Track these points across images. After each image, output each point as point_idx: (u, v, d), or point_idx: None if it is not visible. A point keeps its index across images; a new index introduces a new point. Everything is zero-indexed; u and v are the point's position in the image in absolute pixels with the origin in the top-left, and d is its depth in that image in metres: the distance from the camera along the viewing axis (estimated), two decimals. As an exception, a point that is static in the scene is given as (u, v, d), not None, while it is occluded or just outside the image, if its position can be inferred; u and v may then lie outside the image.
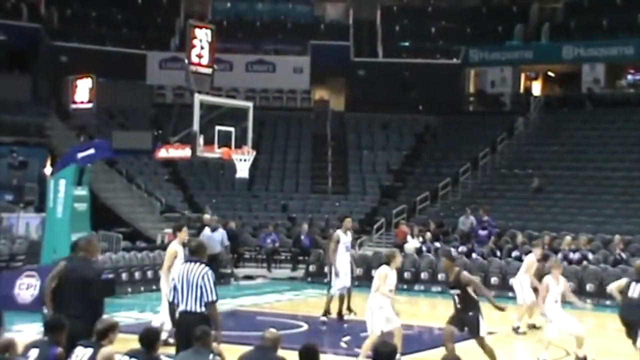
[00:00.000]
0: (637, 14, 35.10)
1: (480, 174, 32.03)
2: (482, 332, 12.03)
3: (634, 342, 12.09)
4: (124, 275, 20.56)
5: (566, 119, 34.10)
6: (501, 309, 12.22)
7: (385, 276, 12.69)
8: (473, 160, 32.20)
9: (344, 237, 17.00)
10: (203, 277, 9.47)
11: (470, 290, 11.98)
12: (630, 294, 12.28)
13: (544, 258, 18.02)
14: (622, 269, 21.38)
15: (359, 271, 24.05)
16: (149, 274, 20.87)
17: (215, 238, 20.10)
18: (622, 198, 27.75)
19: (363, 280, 23.71)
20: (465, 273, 12.32)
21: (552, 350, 13.79)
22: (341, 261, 16.84)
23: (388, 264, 12.90)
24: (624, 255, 22.61)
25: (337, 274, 16.67)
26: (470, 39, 37.71)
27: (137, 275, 20.88)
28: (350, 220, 17.84)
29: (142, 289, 20.53)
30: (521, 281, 16.80)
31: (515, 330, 16.21)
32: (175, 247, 13.56)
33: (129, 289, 20.32)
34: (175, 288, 9.61)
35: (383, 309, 12.64)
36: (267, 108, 35.27)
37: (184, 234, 13.88)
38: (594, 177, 29.42)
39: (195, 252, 9.95)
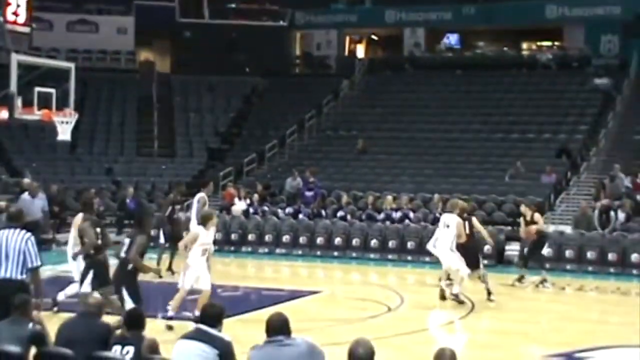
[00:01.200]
0: (456, -19, 36.36)
1: (307, 136, 32.42)
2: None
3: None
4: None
5: (389, 81, 34.96)
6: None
7: (196, 235, 12.95)
8: (299, 122, 32.54)
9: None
10: (26, 242, 9.17)
11: None
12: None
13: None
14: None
15: (185, 234, 24.05)
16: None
17: (36, 204, 19.42)
18: (441, 158, 28.80)
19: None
20: None
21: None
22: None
23: (204, 224, 12.99)
24: (411, 215, 23.46)
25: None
26: (297, 2, 37.87)
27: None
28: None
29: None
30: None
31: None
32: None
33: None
34: None
35: (194, 267, 12.81)
36: (90, 69, 34.21)
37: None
38: (414, 138, 30.36)
39: (13, 219, 9.61)
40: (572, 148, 28.07)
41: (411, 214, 23.53)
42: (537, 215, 18.25)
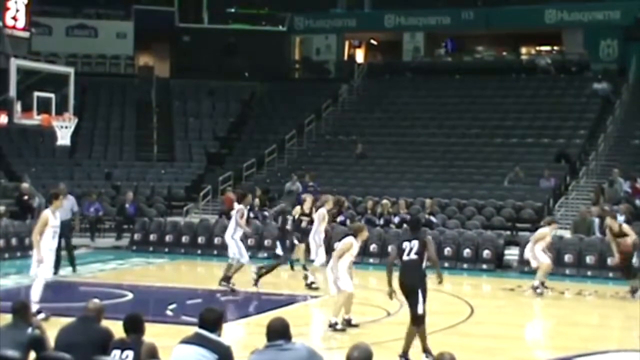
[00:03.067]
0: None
1: (306, 140, 32.44)
2: None
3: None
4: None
5: (388, 86, 35.01)
6: None
7: (350, 246, 12.93)
8: (298, 126, 32.56)
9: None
10: None
11: None
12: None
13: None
14: (436, 232, 22.34)
15: (185, 239, 24.07)
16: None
17: (65, 205, 19.21)
18: (440, 163, 28.82)
19: (189, 248, 23.80)
20: None
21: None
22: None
23: (355, 235, 13.03)
24: (433, 219, 23.46)
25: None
26: (296, 7, 37.92)
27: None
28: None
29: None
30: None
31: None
32: (48, 214, 13.40)
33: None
34: None
35: (342, 275, 13.01)
36: (90, 74, 34.25)
37: (59, 202, 13.80)
38: (413, 142, 30.39)
39: None
40: (571, 153, 28.10)
41: (409, 218, 23.46)
42: (625, 226, 17.84)
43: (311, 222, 17.79)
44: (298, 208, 18.39)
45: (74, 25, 36.57)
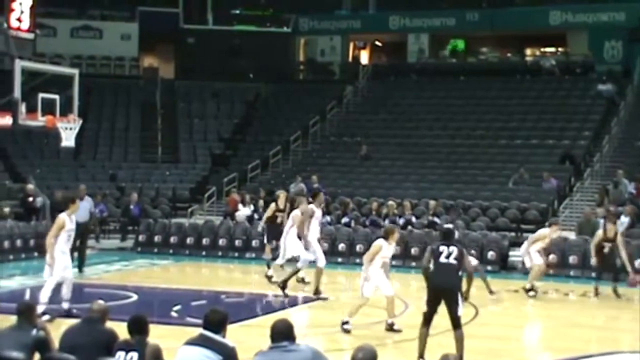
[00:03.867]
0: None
1: (311, 142, 32.44)
2: None
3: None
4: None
5: (393, 87, 35.01)
6: None
7: (379, 248, 13.01)
8: (303, 128, 32.56)
9: (318, 212, 16.86)
10: None
11: None
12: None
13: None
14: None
15: (190, 240, 24.08)
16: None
17: (83, 206, 19.17)
18: (445, 164, 28.80)
19: (194, 249, 23.80)
20: None
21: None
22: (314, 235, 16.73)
23: (386, 238, 13.09)
24: (437, 220, 23.36)
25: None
26: (301, 8, 37.95)
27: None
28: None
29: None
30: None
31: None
32: (64, 218, 13.56)
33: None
34: None
35: (372, 278, 13.04)
36: (94, 75, 34.33)
37: (75, 206, 14.08)
38: (418, 144, 30.39)
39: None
40: (576, 154, 28.06)
41: (414, 220, 23.50)
42: (620, 239, 17.73)
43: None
44: (273, 204, 18.36)
45: (78, 27, 36.65)
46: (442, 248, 11.09)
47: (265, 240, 19.70)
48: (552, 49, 37.52)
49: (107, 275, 19.30)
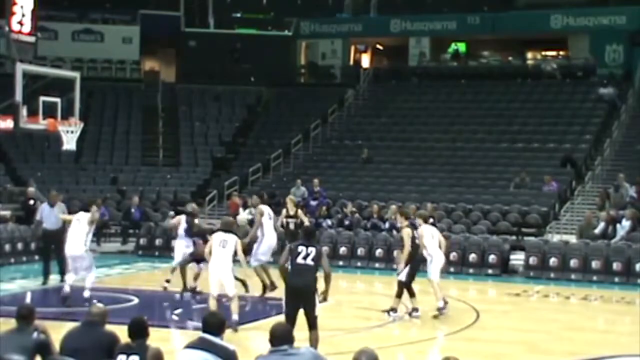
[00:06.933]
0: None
1: (312, 145, 32.43)
2: None
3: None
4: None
5: (394, 91, 35.01)
6: None
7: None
8: (304, 131, 32.57)
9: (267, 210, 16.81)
10: None
11: None
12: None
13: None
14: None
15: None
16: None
17: (55, 212, 18.97)
18: (446, 168, 28.79)
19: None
20: None
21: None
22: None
23: None
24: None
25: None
26: (302, 11, 37.98)
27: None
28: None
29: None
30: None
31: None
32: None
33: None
34: None
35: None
36: (95, 78, 34.34)
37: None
38: (419, 147, 30.38)
39: None
40: (577, 157, 28.05)
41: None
42: None
43: (301, 223, 17.74)
44: (284, 211, 18.40)
45: (79, 30, 36.69)
46: (301, 248, 11.00)
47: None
48: (554, 53, 37.52)
49: (108, 279, 19.27)
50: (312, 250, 10.95)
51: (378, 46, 39.89)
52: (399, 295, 14.61)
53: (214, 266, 13.13)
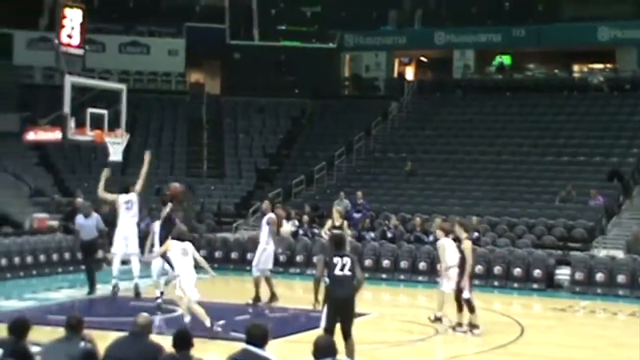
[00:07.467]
0: (505, 3, 36.23)
1: (355, 158, 32.42)
2: None
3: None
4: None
5: (438, 103, 34.89)
6: None
7: None
8: (348, 144, 32.57)
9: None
10: None
11: None
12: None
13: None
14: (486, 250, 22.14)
15: (234, 255, 24.19)
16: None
17: (89, 223, 19.20)
18: (490, 181, 28.60)
19: (238, 264, 23.86)
20: None
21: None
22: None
23: None
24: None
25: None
26: (346, 24, 38.06)
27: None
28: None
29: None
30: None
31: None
32: None
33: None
34: None
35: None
36: (142, 90, 34.68)
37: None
38: (463, 160, 30.21)
39: None
40: (624, 171, 27.68)
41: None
42: None
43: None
44: (329, 222, 18.40)
45: (126, 43, 37.09)
46: (337, 260, 11.02)
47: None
48: (601, 65, 37.12)
49: (153, 289, 19.40)
50: (347, 260, 11.00)
51: (422, 59, 39.81)
52: (471, 310, 14.44)
53: (187, 272, 13.88)
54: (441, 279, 15.33)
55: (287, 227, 25.21)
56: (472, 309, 14.41)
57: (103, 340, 8.30)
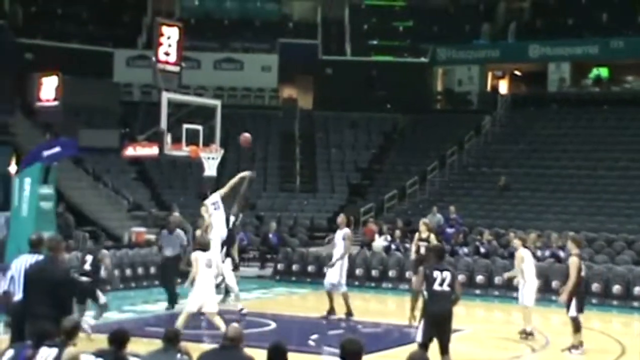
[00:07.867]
0: (602, 14, 35.47)
1: (448, 172, 32.20)
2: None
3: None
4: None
5: (532, 117, 34.38)
6: None
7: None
8: (441, 158, 32.37)
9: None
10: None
11: None
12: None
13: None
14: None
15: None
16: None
17: (173, 239, 19.38)
18: (587, 196, 28.02)
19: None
20: None
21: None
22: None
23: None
24: (561, 253, 22.27)
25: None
26: (438, 38, 37.90)
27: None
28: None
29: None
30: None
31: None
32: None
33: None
34: None
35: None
36: (235, 106, 35.12)
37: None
38: (559, 175, 29.69)
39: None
40: None
41: (561, 253, 22.39)
42: None
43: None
44: (417, 234, 18.21)
45: (221, 59, 37.69)
46: (436, 274, 10.86)
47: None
48: (703, 77, 36.01)
49: (246, 303, 19.58)
50: (447, 275, 10.91)
51: (516, 72, 39.30)
52: (577, 330, 14.11)
53: (205, 285, 13.77)
54: (520, 293, 15.25)
55: (380, 242, 25.18)
56: (576, 328, 14.06)
57: (198, 352, 8.42)
